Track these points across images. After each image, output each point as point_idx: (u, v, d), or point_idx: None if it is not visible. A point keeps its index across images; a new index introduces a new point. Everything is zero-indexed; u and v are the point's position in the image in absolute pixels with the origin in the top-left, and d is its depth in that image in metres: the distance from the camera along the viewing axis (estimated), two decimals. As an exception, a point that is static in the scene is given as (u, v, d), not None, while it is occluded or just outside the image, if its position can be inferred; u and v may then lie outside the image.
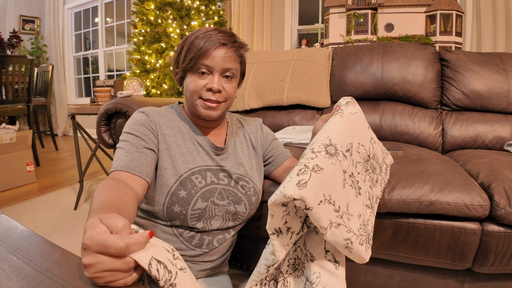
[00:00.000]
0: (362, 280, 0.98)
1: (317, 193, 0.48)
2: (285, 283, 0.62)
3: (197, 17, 2.74)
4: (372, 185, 0.65)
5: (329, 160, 0.53)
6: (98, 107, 1.78)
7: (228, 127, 0.85)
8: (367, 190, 0.62)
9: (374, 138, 0.71)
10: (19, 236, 0.45)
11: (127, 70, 4.41)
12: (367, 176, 0.64)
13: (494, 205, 0.80)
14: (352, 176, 0.59)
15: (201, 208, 0.70)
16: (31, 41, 4.69)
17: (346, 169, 0.57)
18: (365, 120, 0.71)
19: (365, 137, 0.66)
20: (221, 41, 0.69)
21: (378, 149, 0.69)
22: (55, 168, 2.82)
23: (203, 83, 0.70)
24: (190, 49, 0.70)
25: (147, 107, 0.75)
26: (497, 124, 1.37)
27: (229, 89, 0.72)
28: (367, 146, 0.66)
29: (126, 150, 0.65)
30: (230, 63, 0.71)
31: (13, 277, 0.35)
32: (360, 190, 0.60)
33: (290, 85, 1.55)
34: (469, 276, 0.89)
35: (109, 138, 1.18)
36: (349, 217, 0.54)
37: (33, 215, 1.73)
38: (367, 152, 0.65)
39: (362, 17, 2.79)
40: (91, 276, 0.34)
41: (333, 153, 0.55)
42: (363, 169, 0.63)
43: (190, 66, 0.70)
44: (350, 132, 0.62)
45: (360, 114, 0.69)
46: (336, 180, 0.54)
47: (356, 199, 0.58)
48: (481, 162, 1.02)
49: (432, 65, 1.48)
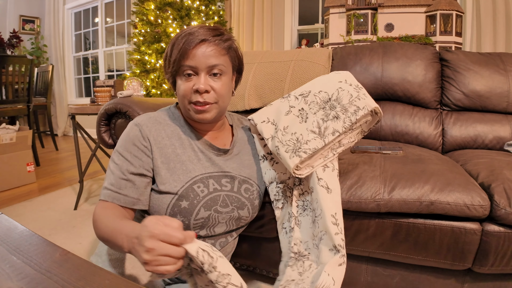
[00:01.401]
0: (362, 280, 0.98)
1: (262, 116, 0.81)
2: (297, 221, 0.79)
3: (197, 17, 2.74)
4: (327, 119, 0.75)
5: (280, 100, 0.83)
6: (98, 107, 1.78)
7: (233, 129, 0.84)
8: (316, 120, 0.75)
9: (344, 88, 0.77)
10: (19, 236, 0.45)
11: (127, 70, 4.41)
12: (321, 111, 0.76)
13: (494, 205, 0.80)
14: (302, 110, 0.78)
15: (204, 217, 0.68)
16: (31, 41, 4.69)
17: (294, 105, 0.79)
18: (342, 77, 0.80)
19: (330, 87, 0.78)
20: (201, 38, 0.65)
21: (346, 94, 0.76)
22: (55, 168, 2.82)
23: (190, 85, 0.66)
24: (173, 51, 0.67)
25: (143, 117, 0.72)
26: (497, 124, 1.37)
27: (219, 88, 0.67)
28: (330, 92, 0.77)
29: (115, 175, 0.65)
30: (215, 58, 0.66)
31: (13, 277, 0.35)
32: (307, 119, 0.76)
33: (290, 85, 1.55)
34: (469, 276, 0.89)
35: (109, 138, 1.18)
36: (283, 133, 0.75)
37: (33, 215, 1.73)
38: (328, 96, 0.77)
39: (362, 17, 2.79)
40: (150, 258, 0.42)
41: (285, 96, 0.83)
42: (318, 106, 0.77)
43: (175, 70, 0.67)
44: (312, 84, 0.82)
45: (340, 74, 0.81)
46: (280, 110, 0.80)
47: (298, 124, 0.76)
48: (481, 162, 1.02)
49: (432, 65, 1.48)
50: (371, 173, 0.91)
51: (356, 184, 0.89)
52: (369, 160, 0.99)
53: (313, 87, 0.80)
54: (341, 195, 0.88)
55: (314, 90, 0.79)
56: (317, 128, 0.73)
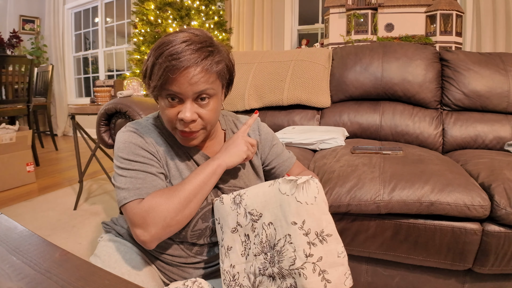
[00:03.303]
0: (363, 280, 0.98)
1: (215, 212, 0.66)
2: None
3: (197, 17, 2.74)
4: (263, 272, 0.56)
5: (231, 203, 0.63)
6: (98, 107, 1.78)
7: (226, 135, 0.78)
8: (254, 266, 0.58)
9: (294, 240, 0.53)
10: (18, 236, 0.45)
11: (127, 70, 4.41)
12: (261, 257, 0.57)
13: (495, 205, 0.80)
14: (247, 237, 0.60)
15: (201, 229, 0.68)
16: (31, 41, 4.69)
17: (241, 224, 0.61)
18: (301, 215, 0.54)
19: (281, 225, 0.55)
20: (186, 64, 0.56)
21: (290, 254, 0.53)
22: (55, 168, 2.82)
23: (175, 112, 0.60)
24: (153, 73, 0.58)
25: (135, 125, 0.67)
26: (497, 124, 1.37)
27: (207, 115, 0.61)
28: (278, 235, 0.55)
29: (131, 176, 0.61)
30: (203, 84, 0.58)
31: (13, 277, 0.35)
32: (248, 256, 0.59)
33: (290, 85, 1.55)
34: (469, 276, 0.89)
35: (109, 138, 1.18)
36: (227, 254, 0.61)
37: (32, 215, 1.73)
38: (274, 240, 0.56)
39: (362, 17, 2.79)
40: (251, 151, 0.69)
41: (237, 203, 0.62)
42: (261, 247, 0.57)
43: (156, 93, 0.61)
44: (265, 203, 0.58)
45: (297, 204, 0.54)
46: (229, 220, 0.62)
47: (240, 256, 0.60)
48: (481, 162, 1.02)
49: (432, 65, 1.48)
50: (370, 174, 0.91)
51: (356, 186, 0.88)
52: (369, 161, 0.99)
53: (265, 209, 0.58)
54: (341, 198, 0.88)
55: (265, 216, 0.58)
56: (253, 276, 0.58)
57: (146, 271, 0.68)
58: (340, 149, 1.16)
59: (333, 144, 1.24)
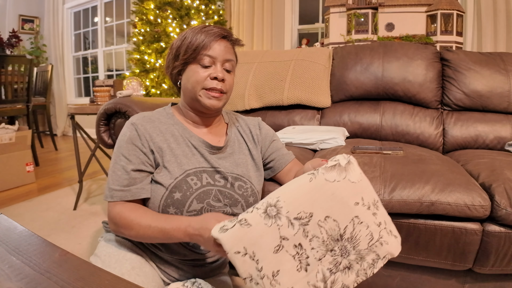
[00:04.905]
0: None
1: (235, 243, 0.51)
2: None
3: (197, 16, 2.74)
4: (336, 269, 0.54)
5: (264, 220, 0.53)
6: (97, 107, 1.78)
7: (228, 127, 0.84)
8: (321, 271, 0.54)
9: (363, 218, 0.57)
10: (18, 237, 0.45)
11: (126, 70, 4.40)
12: (328, 256, 0.55)
13: (495, 205, 0.80)
14: (299, 247, 0.54)
15: (197, 210, 0.69)
16: (30, 41, 4.68)
17: (287, 237, 0.53)
18: (358, 193, 0.57)
19: (340, 213, 0.56)
20: (222, 34, 0.73)
21: (365, 232, 0.56)
22: (54, 168, 2.81)
23: (207, 73, 0.72)
24: (192, 42, 0.72)
25: (138, 116, 0.75)
26: (498, 124, 1.37)
27: (230, 81, 0.75)
28: (342, 223, 0.55)
29: (118, 175, 0.68)
30: (230, 54, 0.75)
31: (13, 277, 0.35)
32: (308, 266, 0.53)
33: (290, 85, 1.55)
34: (470, 276, 0.89)
35: (108, 138, 1.18)
36: (274, 283, 0.52)
37: (32, 215, 1.73)
38: (339, 230, 0.55)
39: (362, 17, 2.79)
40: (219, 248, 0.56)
41: (273, 215, 0.53)
42: (324, 247, 0.55)
43: (193, 56, 0.72)
44: (312, 200, 0.55)
45: (352, 185, 0.57)
46: (266, 242, 0.52)
47: (295, 273, 0.53)
48: (482, 162, 1.02)
49: (433, 65, 1.48)
50: (371, 173, 0.91)
51: (357, 184, 0.88)
52: (369, 161, 0.99)
53: (315, 206, 0.55)
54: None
55: (317, 214, 0.55)
56: (323, 282, 0.54)
57: (146, 271, 0.69)
58: (341, 149, 1.16)
59: (334, 144, 1.24)
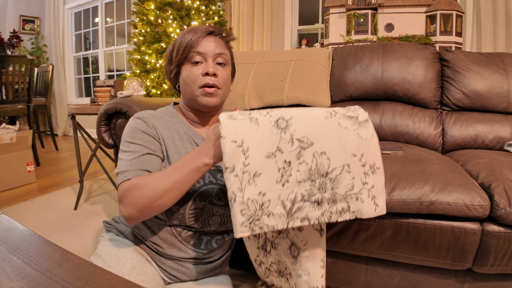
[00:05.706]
0: (362, 280, 0.98)
1: (237, 132, 0.53)
2: (273, 245, 0.73)
3: (197, 17, 2.74)
4: (307, 198, 0.57)
5: (272, 127, 0.55)
6: (98, 107, 1.78)
7: None
8: (294, 193, 0.56)
9: (352, 169, 0.59)
10: (19, 236, 0.45)
11: (127, 70, 4.41)
12: (307, 184, 0.57)
13: (494, 205, 0.80)
14: (288, 164, 0.56)
15: (199, 208, 0.70)
16: (31, 41, 4.69)
17: (284, 150, 0.55)
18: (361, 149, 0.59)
19: (337, 155, 0.58)
20: (209, 30, 0.75)
21: (348, 181, 0.58)
22: (55, 168, 2.82)
23: (199, 71, 0.72)
24: (181, 43, 0.74)
25: (143, 112, 0.75)
26: (497, 124, 1.37)
27: (224, 75, 0.74)
28: (333, 164, 0.58)
29: (129, 159, 0.65)
30: (221, 48, 0.75)
31: (13, 277, 0.35)
32: (286, 183, 0.56)
33: (290, 85, 1.55)
34: (469, 276, 0.89)
35: (109, 138, 1.18)
36: (250, 181, 0.53)
37: (33, 215, 1.73)
38: (328, 168, 0.58)
39: (362, 17, 2.79)
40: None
41: (281, 127, 0.55)
42: (308, 174, 0.57)
43: (184, 56, 0.73)
44: (319, 133, 0.57)
45: (358, 139, 0.59)
46: (263, 145, 0.54)
47: (273, 183, 0.55)
48: (481, 162, 1.02)
49: (432, 65, 1.48)
50: (371, 173, 0.91)
51: (356, 184, 0.88)
52: (369, 160, 0.99)
53: (318, 138, 0.57)
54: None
55: (317, 146, 0.57)
56: (290, 203, 0.56)
57: (146, 270, 0.69)
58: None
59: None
